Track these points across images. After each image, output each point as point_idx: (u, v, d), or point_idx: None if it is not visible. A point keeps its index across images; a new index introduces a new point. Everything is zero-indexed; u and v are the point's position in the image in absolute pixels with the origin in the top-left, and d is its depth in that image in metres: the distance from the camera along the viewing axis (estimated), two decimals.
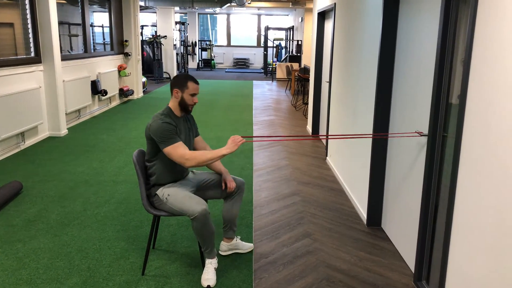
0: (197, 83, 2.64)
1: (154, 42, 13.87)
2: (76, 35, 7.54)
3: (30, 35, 5.84)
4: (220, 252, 2.95)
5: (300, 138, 2.70)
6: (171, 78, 14.52)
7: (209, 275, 2.60)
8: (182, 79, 2.61)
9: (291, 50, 16.67)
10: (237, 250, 2.98)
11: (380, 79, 3.24)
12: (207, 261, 2.64)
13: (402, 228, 2.99)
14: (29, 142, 5.71)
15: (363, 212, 3.61)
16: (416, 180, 2.74)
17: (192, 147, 2.78)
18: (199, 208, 2.44)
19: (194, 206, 2.46)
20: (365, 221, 3.52)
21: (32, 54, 5.89)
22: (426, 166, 2.46)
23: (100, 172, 4.64)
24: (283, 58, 17.03)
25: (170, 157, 2.50)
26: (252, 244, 3.06)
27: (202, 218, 2.45)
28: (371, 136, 2.96)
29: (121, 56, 9.57)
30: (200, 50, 19.49)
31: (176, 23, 16.31)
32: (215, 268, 2.64)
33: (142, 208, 3.71)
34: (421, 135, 2.61)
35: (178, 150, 2.49)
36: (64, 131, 6.33)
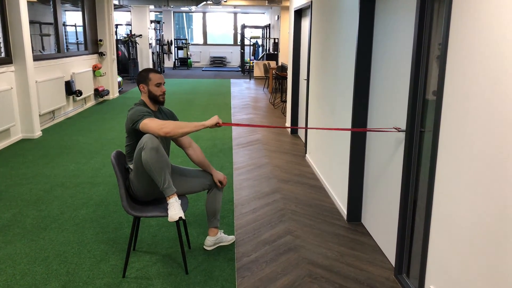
0: (159, 73, 2.73)
1: (129, 41, 13.68)
2: (48, 35, 7.36)
3: (0, 35, 5.66)
4: (205, 247, 3.01)
5: (278, 126, 2.72)
6: None
7: (176, 210, 2.48)
8: (144, 74, 2.71)
9: (268, 48, 16.69)
10: (221, 243, 3.06)
11: (358, 77, 3.28)
12: (170, 200, 2.51)
13: (382, 223, 3.04)
14: (1, 145, 5.55)
15: (343, 208, 3.64)
16: (395, 175, 2.79)
17: (169, 141, 2.84)
18: (152, 141, 2.43)
19: (148, 138, 2.45)
20: (345, 217, 3.56)
21: (3, 55, 5.72)
22: (404, 161, 2.51)
23: (76, 174, 4.55)
24: (260, 56, 17.05)
25: (147, 128, 2.48)
26: (233, 236, 3.15)
27: (151, 151, 2.41)
28: (350, 129, 3.00)
29: (95, 55, 9.39)
30: (176, 49, 19.31)
31: (151, 22, 16.12)
32: (179, 203, 2.53)
33: (121, 209, 3.65)
34: (399, 131, 2.65)
35: (154, 121, 2.50)
36: (38, 133, 6.18)
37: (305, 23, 5.90)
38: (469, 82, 1.79)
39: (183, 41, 19.36)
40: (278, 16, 15.62)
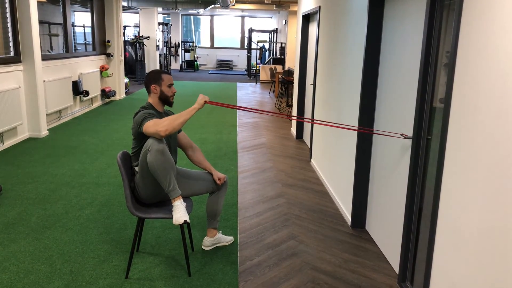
0: (169, 74, 2.78)
1: (137, 43, 13.75)
2: (57, 35, 7.41)
3: (10, 34, 5.71)
4: (203, 247, 3.04)
5: (273, 114, 2.72)
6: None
7: (181, 213, 2.50)
8: (156, 74, 2.73)
9: (274, 52, 16.72)
10: (219, 244, 3.09)
11: (365, 83, 3.27)
12: (175, 203, 2.52)
13: (386, 230, 3.02)
14: (8, 143, 5.59)
15: (347, 214, 3.63)
16: (400, 182, 2.78)
17: (175, 142, 2.86)
18: (157, 143, 2.45)
19: (154, 141, 2.47)
20: (349, 223, 3.54)
21: (12, 54, 5.76)
22: (411, 168, 2.49)
23: (82, 174, 4.56)
24: (266, 60, 17.08)
25: (148, 131, 2.49)
26: (232, 237, 3.17)
27: (157, 153, 2.42)
28: (356, 129, 3.00)
29: (103, 56, 9.44)
30: (183, 51, 19.38)
31: (159, 24, 16.20)
32: (184, 206, 2.55)
33: (125, 210, 3.66)
34: (406, 138, 2.64)
35: (151, 122, 2.50)
36: (44, 132, 6.21)
37: (312, 28, 5.91)
38: (478, 90, 1.78)
39: (190, 43, 19.43)
40: (285, 20, 15.65)
